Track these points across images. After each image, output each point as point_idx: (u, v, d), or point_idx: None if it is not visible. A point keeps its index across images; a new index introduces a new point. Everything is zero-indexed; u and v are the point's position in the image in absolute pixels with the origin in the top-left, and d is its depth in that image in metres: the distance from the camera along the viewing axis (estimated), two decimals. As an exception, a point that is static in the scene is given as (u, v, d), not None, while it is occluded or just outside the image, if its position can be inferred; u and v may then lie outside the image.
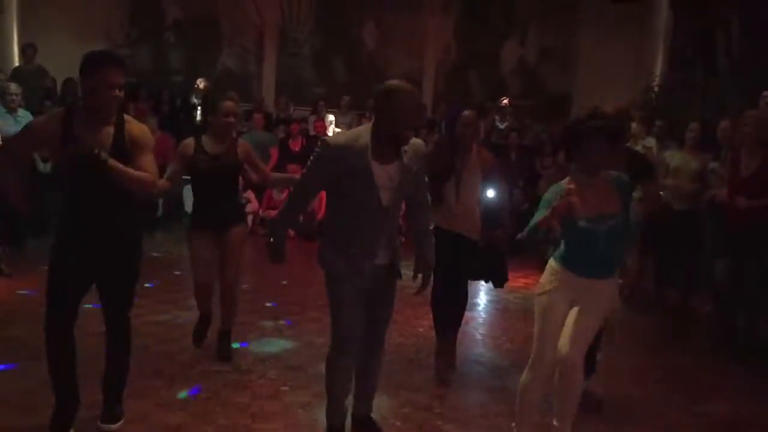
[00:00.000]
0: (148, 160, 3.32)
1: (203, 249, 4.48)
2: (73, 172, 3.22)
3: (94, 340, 3.75)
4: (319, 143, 3.23)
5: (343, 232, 3.26)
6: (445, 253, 4.02)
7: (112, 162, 3.11)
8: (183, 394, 4.01)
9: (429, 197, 3.49)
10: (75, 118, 3.22)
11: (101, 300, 3.45)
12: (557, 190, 3.29)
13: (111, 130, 3.25)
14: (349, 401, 3.57)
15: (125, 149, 3.24)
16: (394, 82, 3.14)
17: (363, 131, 3.18)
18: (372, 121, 3.17)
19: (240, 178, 4.70)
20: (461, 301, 4.62)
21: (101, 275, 3.38)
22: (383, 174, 3.14)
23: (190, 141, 4.48)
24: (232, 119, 4.45)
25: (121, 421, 3.55)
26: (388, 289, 3.41)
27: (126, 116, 3.34)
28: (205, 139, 4.46)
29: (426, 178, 3.43)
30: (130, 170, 3.22)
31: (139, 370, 4.15)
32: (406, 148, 3.17)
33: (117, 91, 3.18)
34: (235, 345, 4.76)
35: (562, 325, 3.38)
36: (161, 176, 3.95)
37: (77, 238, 3.31)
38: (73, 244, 3.31)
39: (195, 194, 4.60)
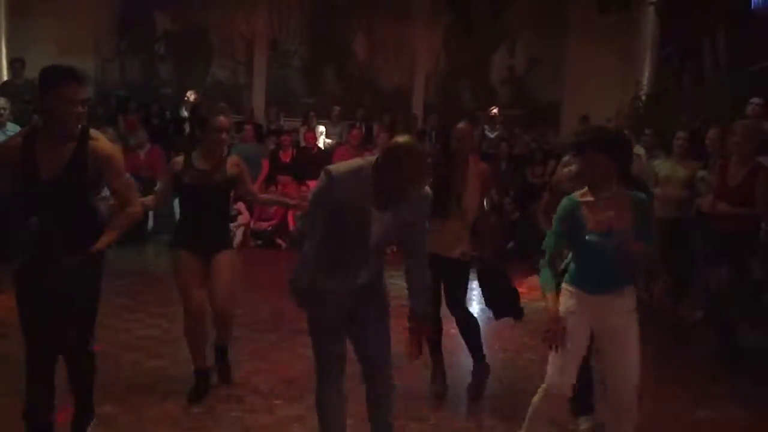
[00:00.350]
0: (122, 182, 3.24)
1: (189, 266, 4.14)
2: (35, 199, 3.14)
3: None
4: (322, 173, 3.05)
5: (327, 257, 3.09)
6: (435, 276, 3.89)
7: (99, 246, 3.09)
8: (175, 409, 3.98)
9: (426, 241, 3.23)
10: (38, 138, 3.09)
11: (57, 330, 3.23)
12: (568, 205, 3.28)
13: (72, 146, 3.08)
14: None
15: (83, 166, 3.08)
16: (402, 141, 2.93)
17: (365, 166, 3.01)
18: (374, 165, 2.98)
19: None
20: (472, 324, 4.52)
21: (60, 305, 3.16)
22: (377, 217, 3.01)
23: (180, 159, 4.24)
24: (224, 136, 4.19)
25: (93, 420, 3.48)
26: (375, 304, 3.21)
27: (93, 133, 3.18)
28: (195, 155, 4.18)
29: (427, 226, 3.21)
30: (118, 224, 3.20)
31: (131, 386, 4.14)
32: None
33: (78, 107, 3.02)
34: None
35: (584, 348, 3.34)
36: (150, 191, 3.89)
37: (39, 266, 3.15)
38: (35, 272, 3.16)
39: (181, 212, 4.38)
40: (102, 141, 3.20)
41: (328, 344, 3.16)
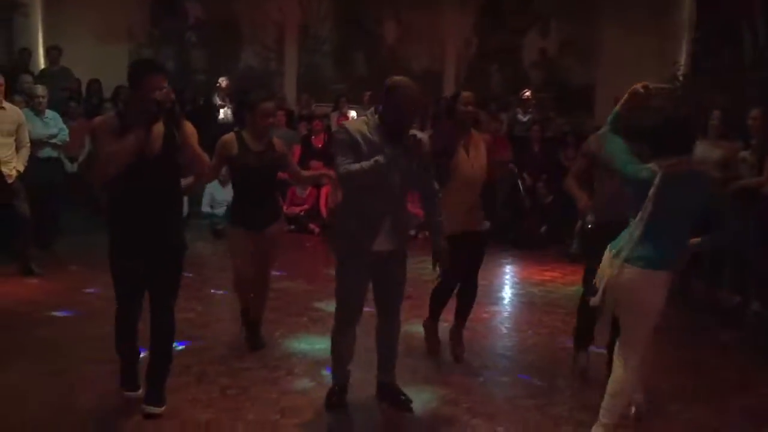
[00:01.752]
0: (199, 149, 3.64)
1: (244, 244, 4.52)
2: (131, 174, 3.39)
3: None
4: (338, 129, 3.69)
5: (349, 217, 3.61)
6: (459, 253, 4.27)
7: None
8: (210, 390, 4.05)
9: (437, 186, 3.76)
10: (130, 121, 3.39)
11: (150, 295, 3.63)
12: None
13: (161, 129, 3.45)
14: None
15: (176, 145, 3.49)
16: (397, 78, 3.56)
17: (368, 119, 3.60)
18: (374, 111, 3.60)
19: None
20: (472, 293, 4.74)
21: (153, 273, 3.56)
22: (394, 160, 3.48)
23: (231, 138, 4.51)
24: (272, 119, 4.59)
25: (165, 406, 3.67)
26: (394, 272, 3.73)
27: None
28: (246, 135, 4.50)
29: (431, 170, 3.70)
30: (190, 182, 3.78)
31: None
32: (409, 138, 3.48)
33: (162, 93, 3.36)
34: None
35: None
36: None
37: (132, 239, 3.52)
38: (128, 246, 3.52)
39: (237, 191, 4.67)
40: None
41: (351, 286, 3.68)
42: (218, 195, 9.07)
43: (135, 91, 3.44)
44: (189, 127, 3.59)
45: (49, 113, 7.37)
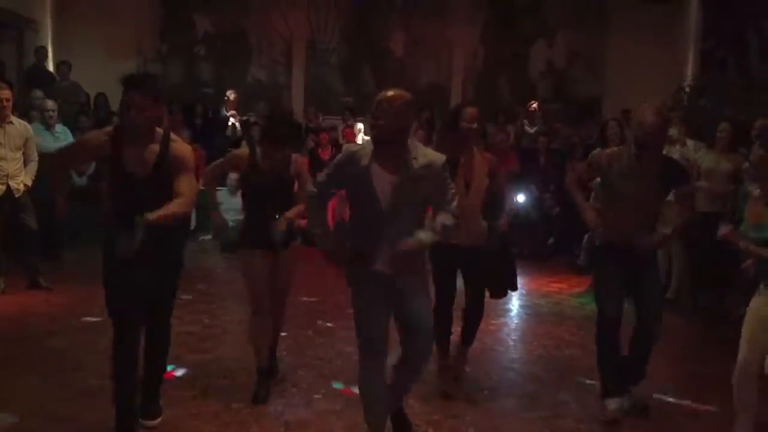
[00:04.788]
0: (187, 181, 3.45)
1: (261, 265, 4.19)
2: (122, 190, 3.40)
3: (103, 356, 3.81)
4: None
5: (353, 237, 3.45)
6: (450, 269, 4.23)
7: (152, 218, 3.24)
8: (215, 404, 4.04)
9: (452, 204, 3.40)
10: (123, 137, 3.38)
11: (147, 309, 3.55)
12: None
13: (156, 148, 3.40)
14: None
15: (167, 167, 3.40)
16: (389, 91, 3.26)
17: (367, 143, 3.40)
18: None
19: None
20: (479, 314, 4.43)
21: (148, 287, 3.50)
22: (384, 180, 3.25)
23: (243, 153, 4.31)
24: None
25: (160, 419, 3.68)
26: (411, 301, 3.36)
27: (173, 136, 3.51)
28: (259, 152, 4.23)
29: (450, 187, 3.40)
30: (171, 208, 3.34)
31: (172, 380, 4.22)
32: (415, 158, 3.26)
33: (134, 111, 3.27)
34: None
35: None
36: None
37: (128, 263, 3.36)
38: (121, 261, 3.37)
39: (247, 210, 4.41)
40: (180, 143, 3.54)
41: (365, 312, 3.35)
42: (227, 203, 9.08)
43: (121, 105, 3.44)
44: (182, 149, 3.50)
45: (59, 127, 7.44)
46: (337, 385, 4.38)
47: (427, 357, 3.46)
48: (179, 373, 4.48)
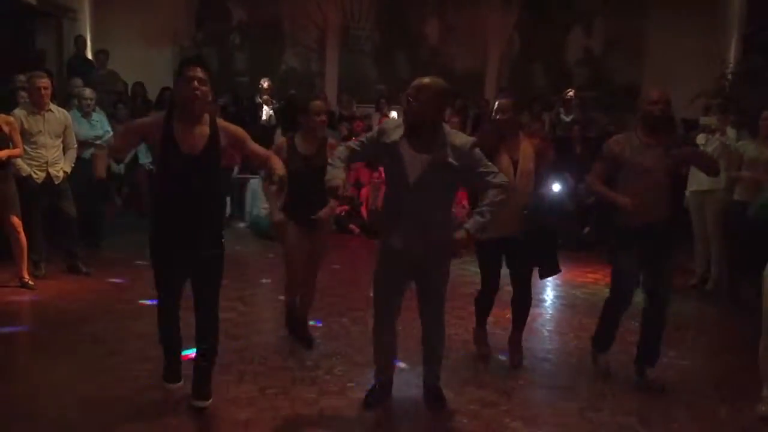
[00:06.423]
0: (256, 144, 3.79)
1: (299, 238, 4.61)
2: (174, 173, 3.52)
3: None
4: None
5: (384, 213, 3.74)
6: (494, 260, 4.47)
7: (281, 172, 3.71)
8: (251, 390, 4.08)
9: (496, 177, 3.56)
10: (174, 120, 3.52)
11: (194, 290, 3.70)
12: None
13: (206, 129, 3.55)
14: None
15: (216, 146, 3.57)
16: (425, 78, 3.47)
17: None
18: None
19: None
20: (527, 301, 4.65)
21: (193, 270, 3.66)
22: (414, 159, 3.47)
23: (283, 143, 4.63)
24: (323, 117, 4.62)
25: (210, 400, 3.75)
26: (430, 277, 3.70)
27: (219, 120, 3.68)
28: (298, 140, 4.59)
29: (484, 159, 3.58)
30: (278, 162, 3.77)
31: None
32: (445, 142, 3.45)
33: (195, 83, 3.42)
34: (311, 322, 5.09)
35: None
36: (228, 178, 4.20)
37: (175, 236, 3.59)
38: (171, 243, 3.60)
39: (288, 192, 4.56)
40: (226, 123, 3.76)
41: (382, 286, 3.72)
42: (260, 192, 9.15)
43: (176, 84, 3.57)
44: (231, 125, 3.74)
45: (96, 115, 7.53)
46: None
47: (437, 334, 3.86)
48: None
